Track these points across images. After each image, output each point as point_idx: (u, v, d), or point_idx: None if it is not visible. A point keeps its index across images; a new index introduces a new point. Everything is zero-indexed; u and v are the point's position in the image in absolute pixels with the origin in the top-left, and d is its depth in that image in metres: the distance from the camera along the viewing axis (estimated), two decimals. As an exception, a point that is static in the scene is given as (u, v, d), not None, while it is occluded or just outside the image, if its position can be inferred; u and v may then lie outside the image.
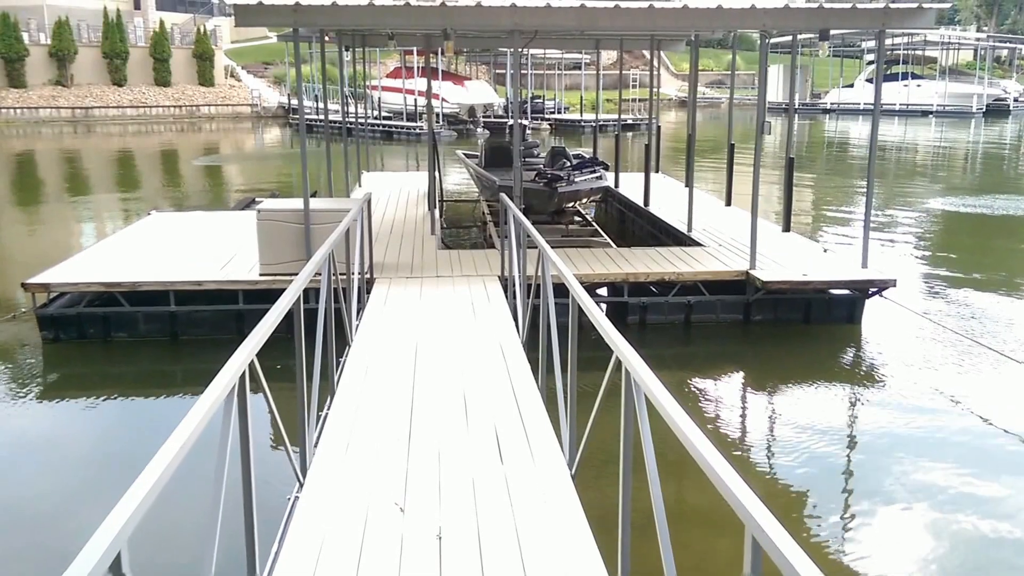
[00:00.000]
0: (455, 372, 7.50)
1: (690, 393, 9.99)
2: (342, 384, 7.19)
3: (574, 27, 11.11)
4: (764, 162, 31.91)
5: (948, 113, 58.29)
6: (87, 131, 46.41)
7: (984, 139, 46.41)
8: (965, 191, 26.01)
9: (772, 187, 26.50)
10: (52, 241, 18.31)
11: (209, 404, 3.48)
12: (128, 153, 38.28)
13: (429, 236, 14.06)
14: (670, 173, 22.13)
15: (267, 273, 11.13)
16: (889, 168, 32.21)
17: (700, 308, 11.76)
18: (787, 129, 11.43)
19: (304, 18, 10.84)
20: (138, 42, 55.49)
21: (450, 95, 45.59)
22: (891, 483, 7.68)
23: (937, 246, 18.15)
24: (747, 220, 15.49)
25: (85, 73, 52.45)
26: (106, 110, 51.32)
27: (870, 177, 11.89)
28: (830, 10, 10.84)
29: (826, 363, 10.93)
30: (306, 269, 6.22)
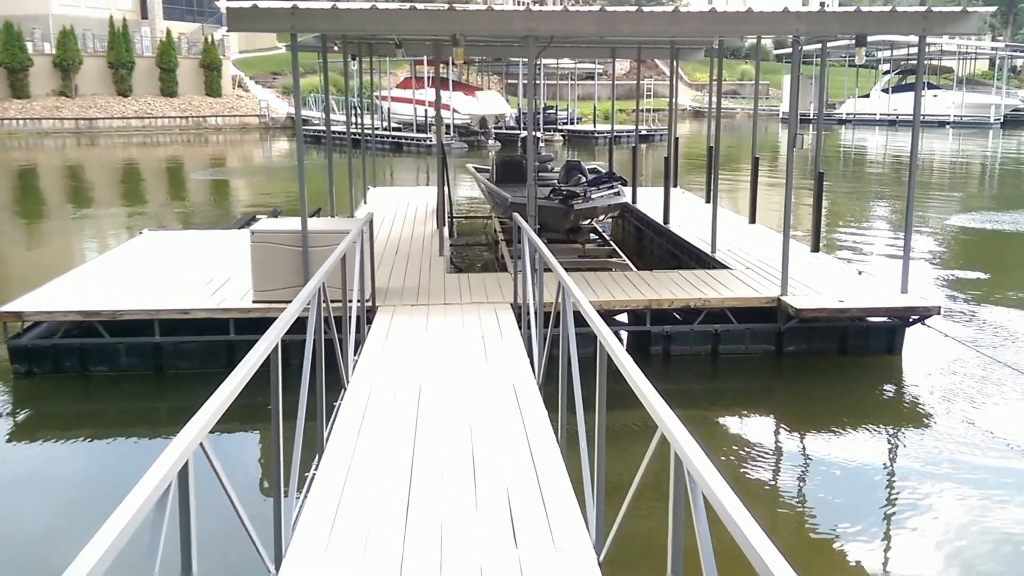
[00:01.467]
0: (463, 424, 6.65)
1: (718, 433, 9.19)
2: (333, 439, 6.35)
3: (593, 32, 10.32)
4: (775, 175, 31.19)
5: (965, 124, 57.39)
6: (90, 143, 45.79)
7: (1004, 151, 45.43)
8: (988, 206, 25.12)
9: (795, 203, 25.73)
10: (34, 262, 17.51)
11: (139, 503, 2.66)
12: (129, 166, 37.63)
13: (437, 257, 13.24)
14: (687, 187, 21.28)
15: (261, 300, 10.32)
16: (905, 180, 31.33)
17: (728, 338, 10.91)
18: (815, 142, 10.56)
19: (303, 22, 10.05)
20: (145, 52, 54.95)
21: (461, 106, 44.83)
22: (939, 535, 6.89)
23: (967, 265, 17.20)
24: (774, 240, 14.69)
25: (90, 83, 51.91)
26: (110, 121, 50.72)
27: (910, 194, 11.05)
28: (868, 14, 10.02)
29: (865, 399, 10.08)
30: (289, 309, 5.39)
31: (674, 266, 15.01)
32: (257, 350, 4.45)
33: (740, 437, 9.14)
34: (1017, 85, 69.43)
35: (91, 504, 7.59)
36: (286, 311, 5.22)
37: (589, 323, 5.11)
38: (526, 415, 6.79)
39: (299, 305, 5.47)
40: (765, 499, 7.71)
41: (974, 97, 60.63)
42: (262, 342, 4.61)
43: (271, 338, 4.68)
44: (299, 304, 5.49)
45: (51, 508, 7.55)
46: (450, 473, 5.76)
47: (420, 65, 45.16)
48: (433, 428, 6.58)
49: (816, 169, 12.25)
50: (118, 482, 8.01)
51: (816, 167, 12.47)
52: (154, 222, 21.37)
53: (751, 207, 15.89)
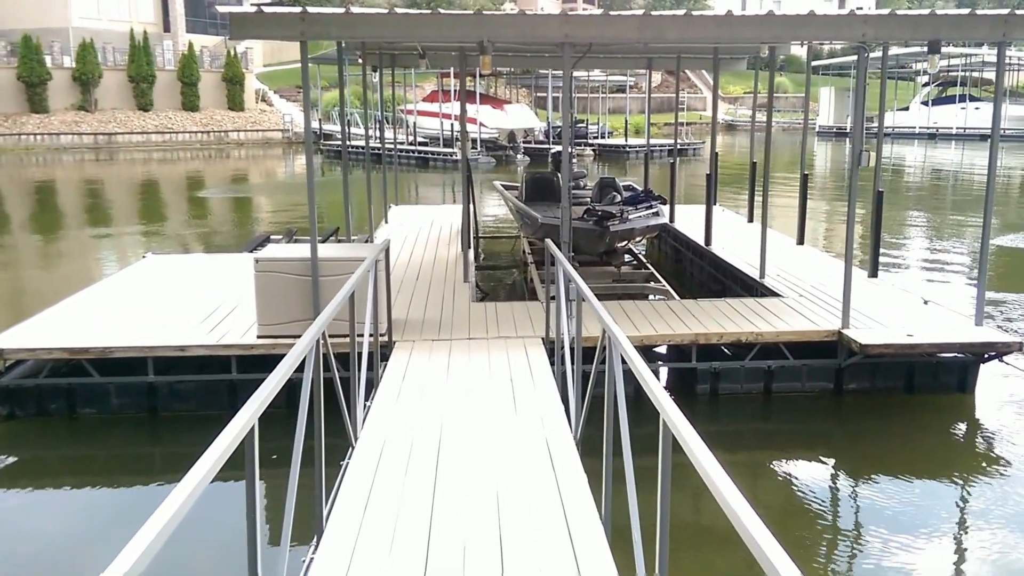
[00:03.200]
0: (488, 495, 5.73)
1: (771, 479, 8.33)
2: (336, 516, 5.45)
3: (636, 39, 9.40)
4: (819, 192, 30.09)
5: (1009, 137, 55.87)
6: (109, 158, 45.32)
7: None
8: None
9: (835, 219, 24.63)
10: (29, 288, 16.72)
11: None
12: (146, 182, 37.03)
13: (462, 284, 12.36)
14: (723, 203, 20.33)
15: (266, 336, 9.47)
16: (947, 196, 30.19)
17: (782, 375, 9.95)
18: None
19: (313, 29, 9.21)
20: (167, 65, 54.57)
21: (489, 119, 44.00)
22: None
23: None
24: (827, 264, 13.73)
25: (110, 98, 51.52)
26: (130, 136, 50.27)
27: (987, 217, 10.01)
28: (943, 17, 9.04)
29: (935, 443, 9.15)
30: (278, 370, 4.52)
31: (717, 291, 14.09)
32: (235, 426, 3.58)
33: (795, 483, 8.26)
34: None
35: (78, 561, 6.87)
36: (273, 374, 4.34)
37: (639, 379, 4.24)
38: (563, 483, 5.87)
39: (290, 366, 4.59)
40: (822, 554, 6.90)
41: (1018, 109, 59.14)
42: (243, 412, 3.75)
43: (251, 411, 3.80)
44: (290, 363, 4.61)
45: (32, 566, 6.77)
46: (472, 559, 4.85)
47: (446, 78, 44.43)
48: (454, 500, 5.67)
49: (875, 188, 11.26)
50: (106, 536, 7.25)
51: (875, 185, 11.48)
52: (163, 243, 20.65)
53: (799, 227, 14.91)
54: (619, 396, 4.89)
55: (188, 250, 19.59)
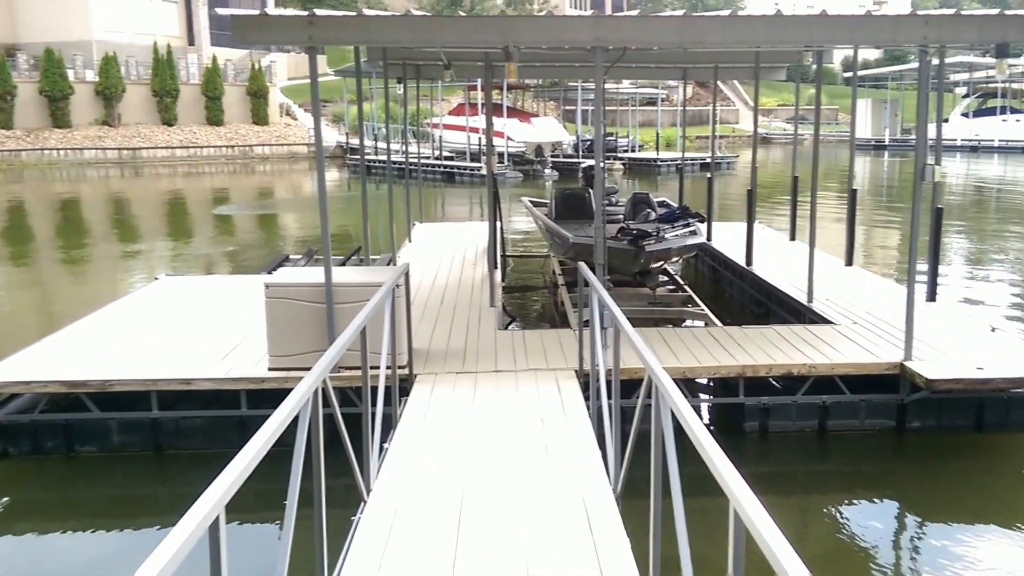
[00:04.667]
0: (516, 567, 5.04)
1: (828, 525, 7.63)
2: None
3: (674, 43, 8.74)
4: (862, 208, 29.10)
5: None
6: (134, 173, 45.07)
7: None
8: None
9: (882, 237, 23.77)
10: (35, 312, 16.21)
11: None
12: (169, 198, 36.64)
13: (488, 308, 11.68)
14: (760, 220, 19.51)
15: (278, 368, 8.84)
16: (997, 211, 29.20)
17: (839, 411, 9.17)
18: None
19: (323, 33, 8.58)
20: (191, 79, 54.41)
21: (516, 133, 43.37)
22: None
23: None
24: (880, 286, 12.91)
25: (133, 112, 51.37)
26: (154, 151, 50.03)
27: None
28: (1012, 18, 8.26)
29: (1008, 485, 8.37)
30: (278, 414, 3.89)
31: (760, 315, 13.34)
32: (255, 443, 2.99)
33: (854, 529, 7.54)
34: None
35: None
36: (261, 432, 3.70)
37: (691, 436, 3.57)
38: (602, 552, 5.16)
39: (281, 421, 3.94)
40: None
41: None
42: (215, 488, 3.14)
43: (224, 487, 3.15)
44: (282, 418, 3.96)
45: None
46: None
47: (473, 91, 43.90)
48: (475, 569, 4.99)
49: (933, 204, 10.47)
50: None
51: (934, 202, 10.69)
52: (181, 262, 20.11)
53: (848, 247, 14.10)
54: (670, 460, 4.19)
55: (207, 270, 19.05)
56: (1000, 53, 8.63)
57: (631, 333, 5.52)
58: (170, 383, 8.79)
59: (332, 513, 5.21)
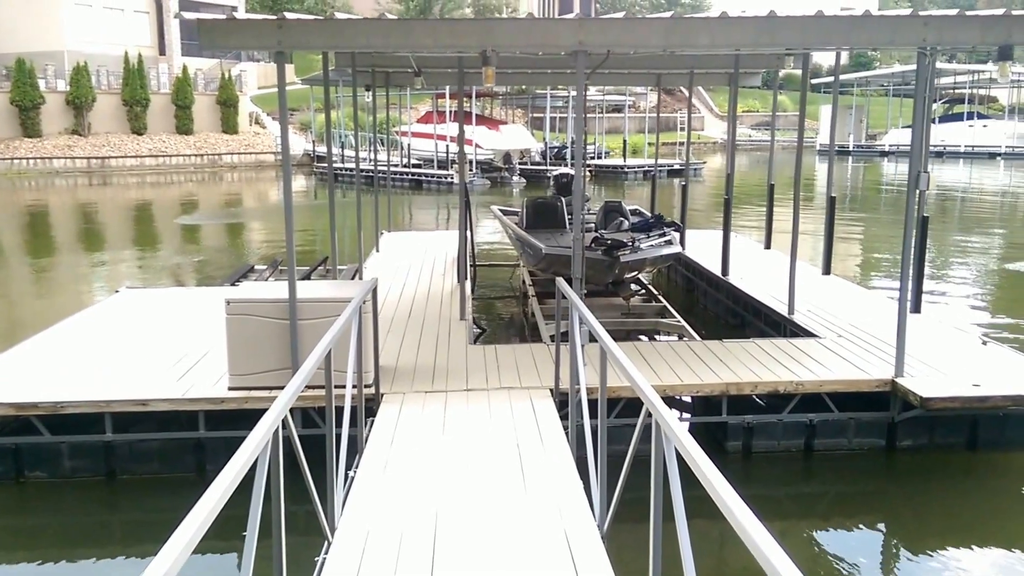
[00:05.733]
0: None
1: (815, 550, 7.13)
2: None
3: (661, 45, 8.15)
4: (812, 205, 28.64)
5: (1018, 155, 54.83)
6: (102, 182, 44.01)
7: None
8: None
9: (857, 245, 23.36)
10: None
11: None
12: (136, 206, 35.70)
13: (458, 322, 11.07)
14: (734, 227, 19.00)
15: (239, 387, 8.19)
16: (967, 217, 28.94)
17: (826, 430, 8.65)
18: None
19: (292, 38, 7.96)
20: (161, 89, 53.45)
21: (484, 140, 42.79)
22: None
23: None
24: (860, 296, 12.40)
25: (103, 121, 50.31)
26: (123, 160, 48.99)
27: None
28: (1016, 19, 7.71)
29: (1003, 507, 7.89)
30: (239, 456, 3.28)
31: (735, 326, 12.84)
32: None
33: (843, 554, 7.05)
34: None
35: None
36: (224, 473, 3.11)
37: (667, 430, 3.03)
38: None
39: (244, 462, 3.33)
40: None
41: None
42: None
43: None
44: (244, 460, 3.35)
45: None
46: None
47: (441, 99, 43.33)
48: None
49: (919, 213, 9.96)
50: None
51: (920, 211, 10.18)
52: (145, 274, 19.33)
53: (826, 256, 13.64)
54: (676, 506, 3.62)
55: (170, 281, 18.29)
56: (1003, 55, 8.12)
57: (620, 357, 4.94)
58: (124, 404, 8.13)
59: (296, 549, 4.64)
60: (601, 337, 5.51)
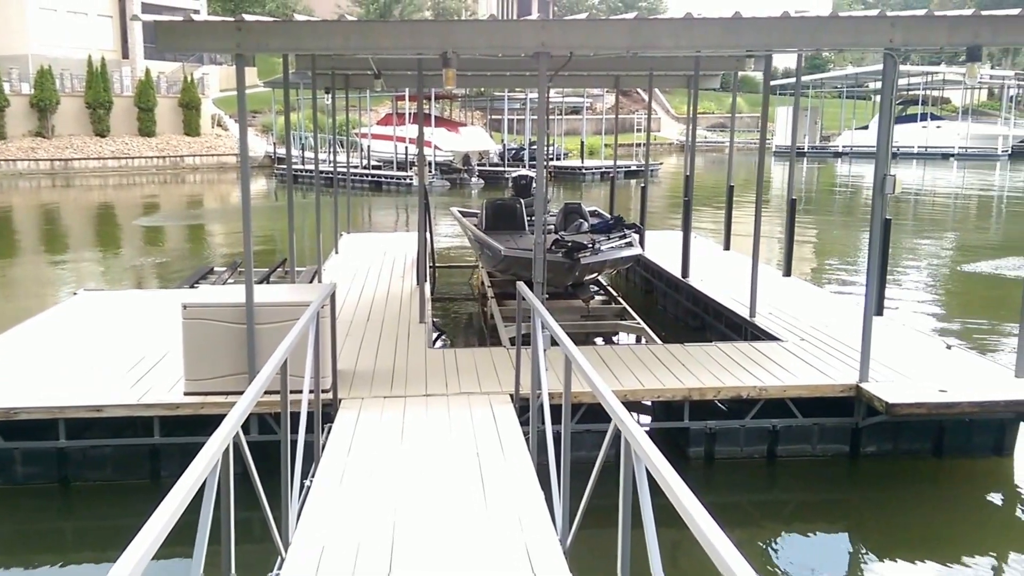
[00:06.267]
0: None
1: (778, 558, 6.90)
2: None
3: (625, 47, 7.91)
4: (771, 206, 28.64)
5: (971, 156, 55.25)
6: (65, 184, 43.14)
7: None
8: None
9: (816, 246, 23.30)
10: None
11: None
12: (98, 208, 34.96)
13: (417, 324, 10.76)
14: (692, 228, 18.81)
15: (194, 392, 7.86)
16: (907, 218, 29.07)
17: (789, 436, 8.43)
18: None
19: (251, 40, 7.64)
20: (125, 91, 52.62)
21: (443, 142, 42.47)
22: None
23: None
24: (823, 299, 12.21)
25: (67, 124, 49.39)
26: (86, 162, 48.09)
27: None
28: (986, 18, 7.53)
29: (969, 514, 7.68)
30: (190, 473, 2.99)
31: (696, 328, 12.65)
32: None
33: (805, 562, 6.86)
34: (1021, 115, 67.02)
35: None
36: (175, 492, 2.84)
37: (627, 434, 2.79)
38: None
39: (196, 478, 3.05)
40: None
41: (980, 128, 58.49)
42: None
43: None
44: (196, 476, 3.07)
45: None
46: None
47: (401, 101, 42.98)
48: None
49: (881, 215, 9.72)
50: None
51: (881, 213, 9.92)
52: (103, 276, 18.82)
53: (786, 258, 13.47)
54: (648, 533, 3.36)
55: (132, 283, 17.80)
56: (971, 56, 7.94)
57: (585, 366, 4.69)
58: (79, 411, 7.77)
59: (254, 558, 4.35)
60: (566, 346, 5.25)
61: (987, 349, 11.81)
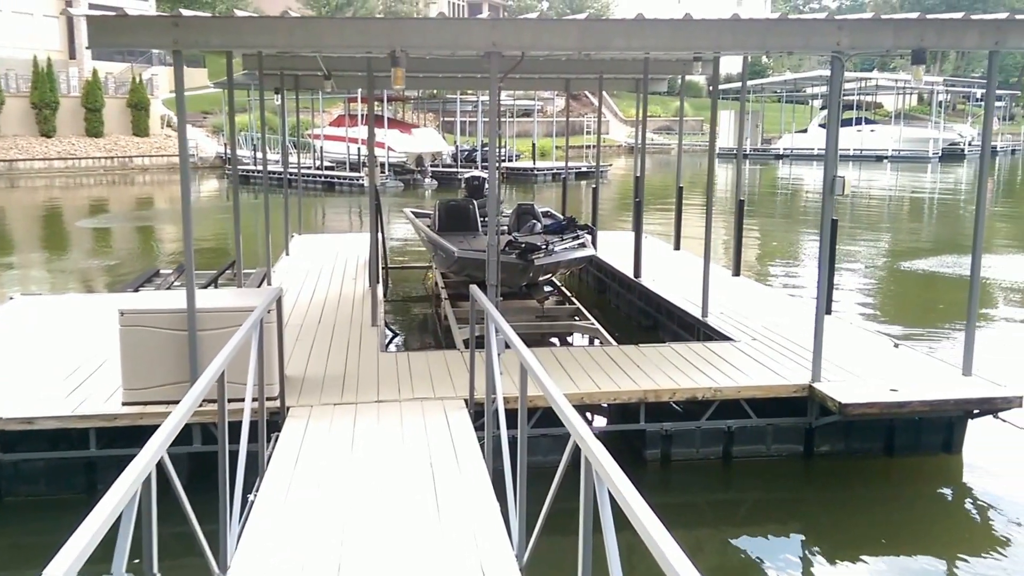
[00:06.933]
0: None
1: (734, 558, 6.77)
2: None
3: (576, 48, 7.64)
4: (722, 207, 28.55)
5: (904, 158, 56.31)
6: (9, 185, 41.96)
7: (959, 182, 43.84)
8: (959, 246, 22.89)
9: (759, 246, 23.27)
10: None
11: None
12: (43, 209, 34.01)
13: (369, 328, 10.41)
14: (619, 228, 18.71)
15: (133, 402, 7.44)
16: (844, 218, 29.21)
17: (744, 436, 8.24)
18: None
19: (190, 36, 7.24)
20: (72, 92, 51.34)
21: (397, 143, 42.03)
22: None
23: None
24: (773, 298, 12.07)
25: (12, 124, 48.03)
26: (32, 163, 46.84)
27: (976, 248, 8.45)
28: (931, 22, 7.46)
29: (920, 512, 7.58)
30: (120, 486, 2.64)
31: (649, 327, 12.44)
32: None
33: (762, 562, 6.70)
34: (950, 119, 68.61)
35: None
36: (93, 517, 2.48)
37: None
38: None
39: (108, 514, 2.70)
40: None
41: (912, 132, 59.77)
42: None
43: None
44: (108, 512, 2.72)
45: None
46: None
47: (353, 102, 42.47)
48: None
49: (828, 216, 9.57)
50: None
51: (827, 213, 9.74)
52: (45, 279, 18.17)
53: (735, 257, 13.31)
54: (611, 557, 3.06)
55: (75, 287, 17.18)
56: (917, 59, 7.82)
57: (542, 375, 4.39)
58: (9, 423, 7.29)
59: None
60: (521, 354, 4.94)
61: (928, 346, 11.73)
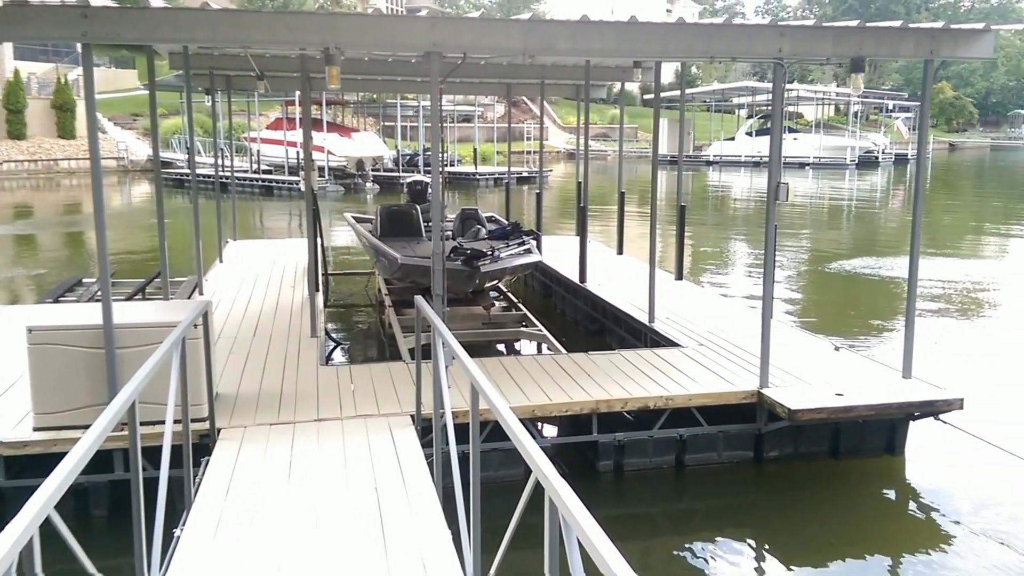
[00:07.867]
0: None
1: (688, 565, 6.52)
2: None
3: (518, 49, 7.24)
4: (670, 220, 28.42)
5: (824, 165, 58.09)
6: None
7: (875, 188, 44.54)
8: (882, 249, 23.00)
9: (695, 250, 23.16)
10: None
11: None
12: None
13: (308, 339, 9.89)
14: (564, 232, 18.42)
15: (46, 427, 6.84)
16: (800, 221, 29.30)
17: (696, 444, 7.96)
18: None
19: (100, 28, 6.67)
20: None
21: (336, 147, 41.35)
22: None
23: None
24: (717, 303, 11.87)
25: (-73, 128, 46.40)
26: (-53, 167, 45.26)
27: (914, 250, 8.32)
28: (869, 30, 7.44)
29: (865, 513, 7.43)
30: None
31: (595, 332, 12.16)
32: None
33: (716, 568, 6.50)
34: (864, 128, 70.91)
35: None
36: None
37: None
38: None
39: None
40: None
41: (831, 140, 61.86)
42: None
43: None
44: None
45: None
46: None
47: (291, 105, 41.73)
48: None
49: (771, 222, 9.25)
50: None
51: (769, 219, 9.34)
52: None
53: (678, 261, 13.07)
54: None
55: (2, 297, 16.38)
56: (855, 67, 7.76)
57: (493, 397, 3.99)
58: (-91, 450, 6.69)
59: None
60: (470, 372, 4.53)
61: (861, 347, 11.68)
